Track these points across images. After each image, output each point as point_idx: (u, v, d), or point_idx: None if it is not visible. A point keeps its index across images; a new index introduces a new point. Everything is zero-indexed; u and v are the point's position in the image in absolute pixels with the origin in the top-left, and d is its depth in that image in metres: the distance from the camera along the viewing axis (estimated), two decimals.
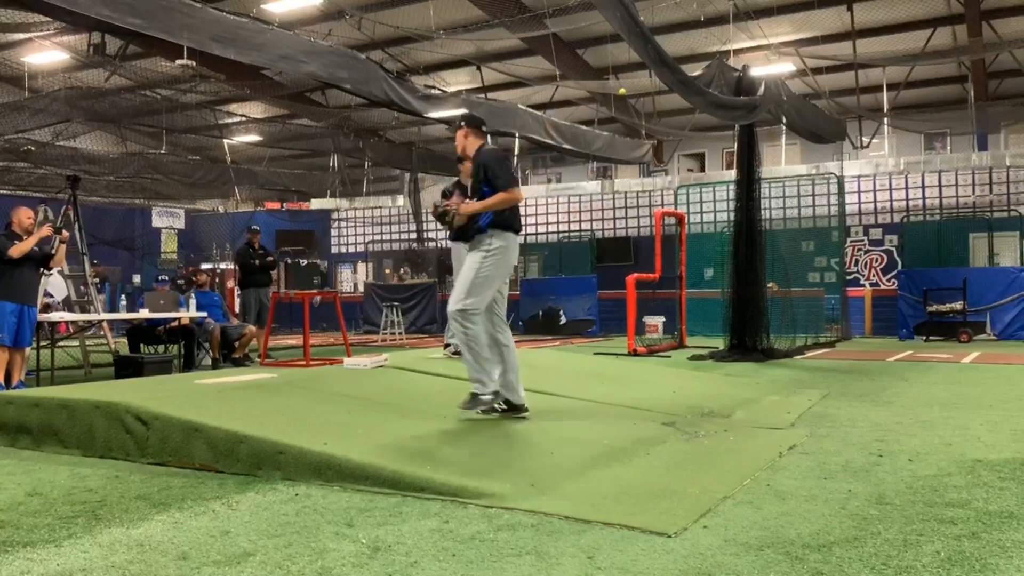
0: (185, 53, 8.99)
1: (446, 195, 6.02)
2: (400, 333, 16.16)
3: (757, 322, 10.56)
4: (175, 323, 9.60)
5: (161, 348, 9.90)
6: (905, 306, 14.50)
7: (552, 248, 19.84)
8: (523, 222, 20.62)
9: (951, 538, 2.83)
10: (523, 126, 13.29)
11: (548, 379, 6.53)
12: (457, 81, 17.01)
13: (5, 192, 17.33)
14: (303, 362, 9.38)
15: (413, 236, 20.82)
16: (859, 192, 16.90)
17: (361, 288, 20.93)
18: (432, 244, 20.77)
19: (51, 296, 10.18)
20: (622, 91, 15.21)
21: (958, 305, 13.75)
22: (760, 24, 13.99)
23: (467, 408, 4.86)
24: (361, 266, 23.01)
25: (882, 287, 16.31)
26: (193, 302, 9.86)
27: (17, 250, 7.33)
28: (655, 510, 3.19)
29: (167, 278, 11.01)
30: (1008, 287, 13.82)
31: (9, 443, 4.68)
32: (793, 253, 14.30)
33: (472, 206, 5.00)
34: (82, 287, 10.52)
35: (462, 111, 12.19)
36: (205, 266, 19.70)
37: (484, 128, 5.39)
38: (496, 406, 4.94)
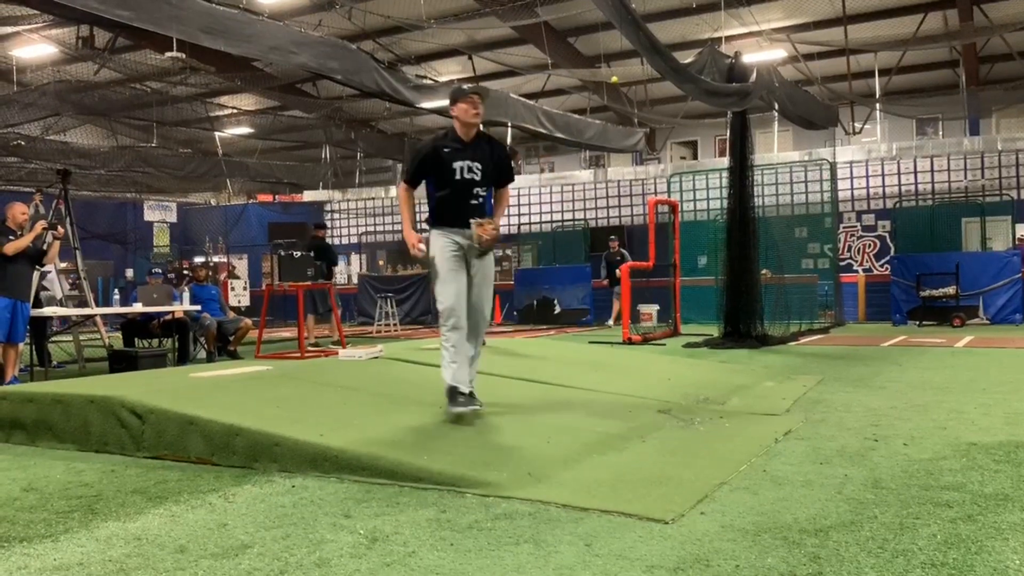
0: (175, 45, 8.94)
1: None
2: (395, 324, 16.13)
3: (751, 309, 10.58)
4: (169, 316, 9.58)
5: (155, 342, 9.88)
6: (898, 291, 14.53)
7: (546, 238, 19.82)
8: (518, 212, 20.64)
9: (947, 521, 2.85)
10: (515, 115, 13.24)
11: (543, 368, 6.54)
12: (448, 71, 16.95)
13: None
14: (298, 354, 9.40)
15: None
16: (851, 178, 16.92)
17: (355, 280, 20.88)
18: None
19: (46, 288, 10.13)
20: (614, 79, 15.18)
21: (951, 290, 13.79)
22: (752, 10, 13.98)
23: None
24: (355, 257, 22.97)
25: (875, 273, 16.36)
26: (187, 295, 9.84)
27: (12, 247, 7.30)
28: (651, 497, 3.20)
29: (160, 271, 10.94)
30: (1000, 271, 13.85)
31: (4, 439, 4.67)
32: (786, 240, 14.33)
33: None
34: (76, 280, 10.48)
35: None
36: (198, 259, 19.65)
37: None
38: None
